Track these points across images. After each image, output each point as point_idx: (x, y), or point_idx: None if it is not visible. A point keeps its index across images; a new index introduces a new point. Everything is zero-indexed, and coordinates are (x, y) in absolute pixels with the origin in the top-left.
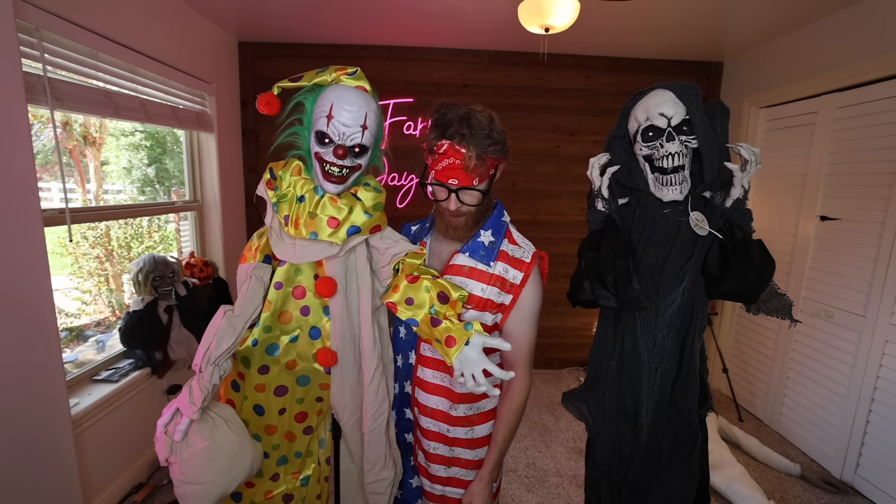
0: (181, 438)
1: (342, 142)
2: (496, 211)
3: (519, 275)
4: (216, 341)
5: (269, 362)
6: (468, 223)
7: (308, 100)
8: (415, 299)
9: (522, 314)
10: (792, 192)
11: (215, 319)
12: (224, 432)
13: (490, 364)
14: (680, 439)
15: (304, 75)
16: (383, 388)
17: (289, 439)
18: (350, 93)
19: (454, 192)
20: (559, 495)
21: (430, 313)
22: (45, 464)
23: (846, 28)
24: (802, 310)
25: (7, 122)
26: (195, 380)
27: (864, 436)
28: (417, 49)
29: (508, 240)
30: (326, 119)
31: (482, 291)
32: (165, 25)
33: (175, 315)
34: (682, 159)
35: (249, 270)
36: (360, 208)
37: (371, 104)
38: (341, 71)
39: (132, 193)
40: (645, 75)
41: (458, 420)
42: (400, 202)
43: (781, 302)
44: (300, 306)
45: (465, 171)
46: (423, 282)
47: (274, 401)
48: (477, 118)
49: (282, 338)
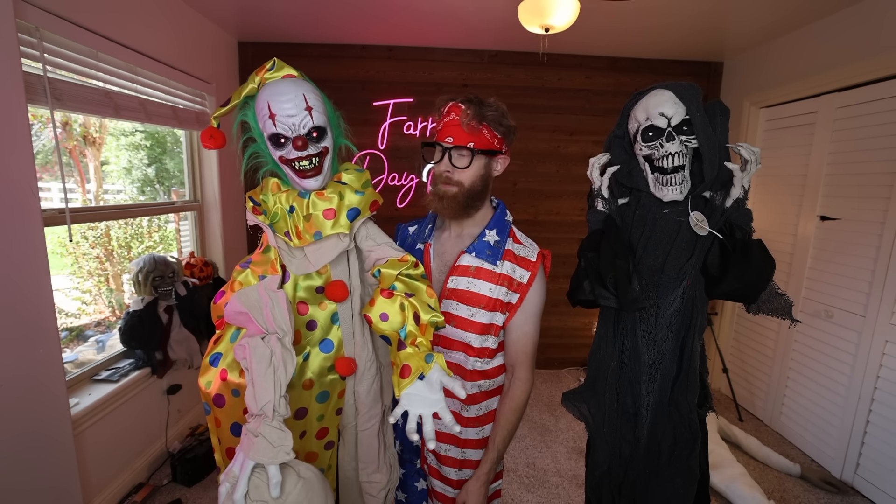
0: (279, 493)
1: (296, 133)
2: (499, 211)
3: (526, 274)
4: (283, 368)
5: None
6: (458, 199)
7: (248, 115)
8: (389, 315)
9: (527, 313)
10: (792, 192)
11: (259, 351)
12: (305, 467)
13: (445, 409)
14: (680, 439)
15: (232, 95)
16: (377, 389)
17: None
18: (279, 84)
19: (448, 151)
20: (559, 495)
21: (400, 335)
22: (45, 464)
23: (846, 28)
24: (802, 310)
25: (7, 122)
26: (264, 426)
27: (864, 436)
28: (417, 49)
29: (513, 239)
30: (271, 120)
31: (490, 291)
32: (165, 25)
33: (175, 315)
34: (682, 159)
35: (273, 287)
36: (350, 190)
37: (304, 85)
38: (261, 72)
39: (132, 193)
40: (645, 75)
41: (470, 421)
42: (400, 202)
43: (781, 302)
44: (305, 322)
45: (461, 127)
46: (398, 298)
47: (294, 426)
48: (489, 102)
49: (296, 359)
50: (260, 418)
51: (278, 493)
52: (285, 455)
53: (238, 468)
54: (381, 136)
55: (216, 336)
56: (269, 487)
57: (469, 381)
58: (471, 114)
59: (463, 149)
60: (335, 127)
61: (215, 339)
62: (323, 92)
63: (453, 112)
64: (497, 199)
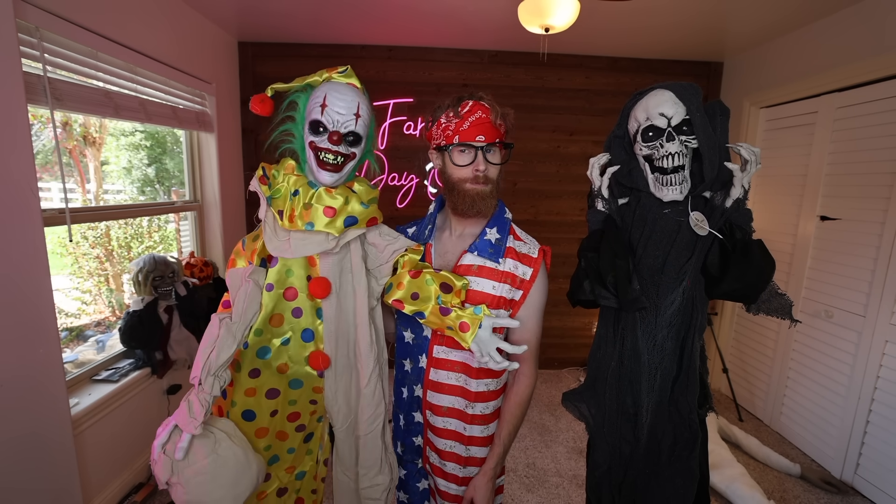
0: (183, 456)
1: (337, 128)
2: (499, 209)
3: (529, 270)
4: (216, 351)
5: (261, 366)
6: (493, 192)
7: (301, 98)
8: (420, 293)
9: (530, 309)
10: (792, 192)
11: (211, 329)
12: (227, 446)
13: (501, 342)
14: (680, 439)
15: (296, 79)
16: (379, 391)
17: (280, 438)
18: (343, 86)
19: (481, 150)
20: (559, 495)
21: (438, 304)
22: (45, 464)
23: (846, 28)
24: (802, 310)
25: (7, 122)
26: (193, 393)
27: (864, 436)
28: (417, 49)
29: (513, 236)
30: (321, 108)
31: (493, 289)
32: (165, 25)
33: (175, 315)
34: (682, 159)
35: (246, 274)
36: (357, 199)
37: (362, 98)
38: (332, 70)
39: (132, 193)
40: (645, 75)
41: (475, 418)
42: (400, 202)
43: (781, 302)
44: (292, 308)
45: (493, 125)
46: (426, 275)
47: (266, 403)
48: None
49: (273, 341)
50: (193, 388)
51: (181, 457)
52: (193, 428)
53: (168, 421)
54: (382, 137)
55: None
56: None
57: (475, 379)
58: (498, 113)
59: (495, 146)
60: (369, 143)
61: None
62: (373, 115)
63: (479, 111)
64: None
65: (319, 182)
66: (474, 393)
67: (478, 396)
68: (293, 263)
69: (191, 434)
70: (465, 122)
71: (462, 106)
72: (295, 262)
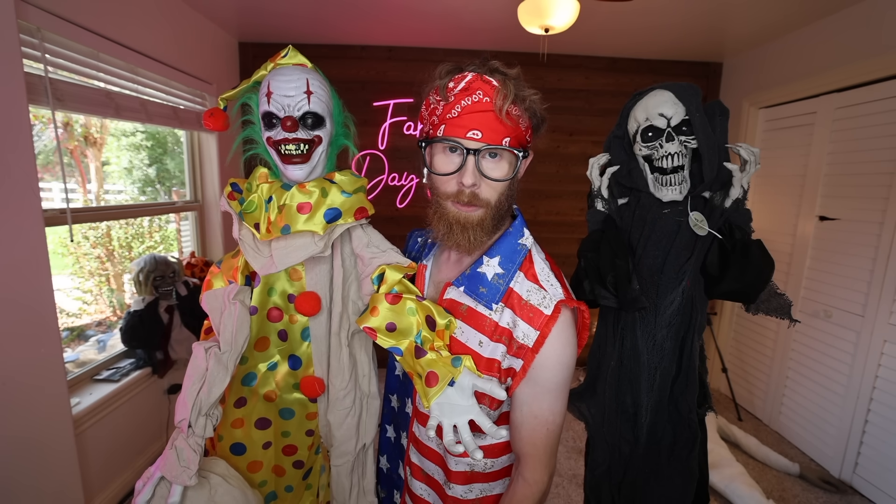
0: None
1: (289, 113)
2: (512, 229)
3: (532, 333)
4: (207, 387)
5: (246, 394)
6: (485, 226)
7: (252, 99)
8: (397, 324)
9: (537, 388)
10: (791, 193)
11: (196, 362)
12: (224, 491)
13: (481, 415)
14: (679, 439)
15: (243, 81)
16: (351, 423)
17: (277, 474)
18: (287, 68)
19: (473, 154)
20: (559, 495)
21: (416, 342)
22: (46, 463)
23: (846, 28)
24: (801, 310)
25: (9, 123)
26: (181, 438)
27: (863, 435)
28: (417, 49)
29: (526, 275)
30: (267, 98)
31: (481, 347)
32: (166, 26)
33: (176, 315)
34: (681, 159)
35: (230, 295)
36: (337, 189)
37: (311, 73)
38: (276, 58)
39: (133, 193)
40: (645, 75)
41: (456, 502)
42: (400, 202)
43: (780, 302)
44: (277, 330)
45: (494, 115)
46: (407, 302)
47: (256, 434)
48: (515, 74)
49: (259, 366)
50: (178, 431)
51: None
52: (187, 479)
53: (150, 473)
54: (382, 137)
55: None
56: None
57: (455, 456)
58: (510, 94)
59: (498, 149)
60: (338, 125)
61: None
62: (334, 89)
63: (479, 89)
64: (515, 208)
65: (289, 179)
66: (453, 472)
67: (455, 477)
68: (274, 280)
69: (183, 486)
70: (457, 107)
71: (456, 80)
72: (276, 279)
